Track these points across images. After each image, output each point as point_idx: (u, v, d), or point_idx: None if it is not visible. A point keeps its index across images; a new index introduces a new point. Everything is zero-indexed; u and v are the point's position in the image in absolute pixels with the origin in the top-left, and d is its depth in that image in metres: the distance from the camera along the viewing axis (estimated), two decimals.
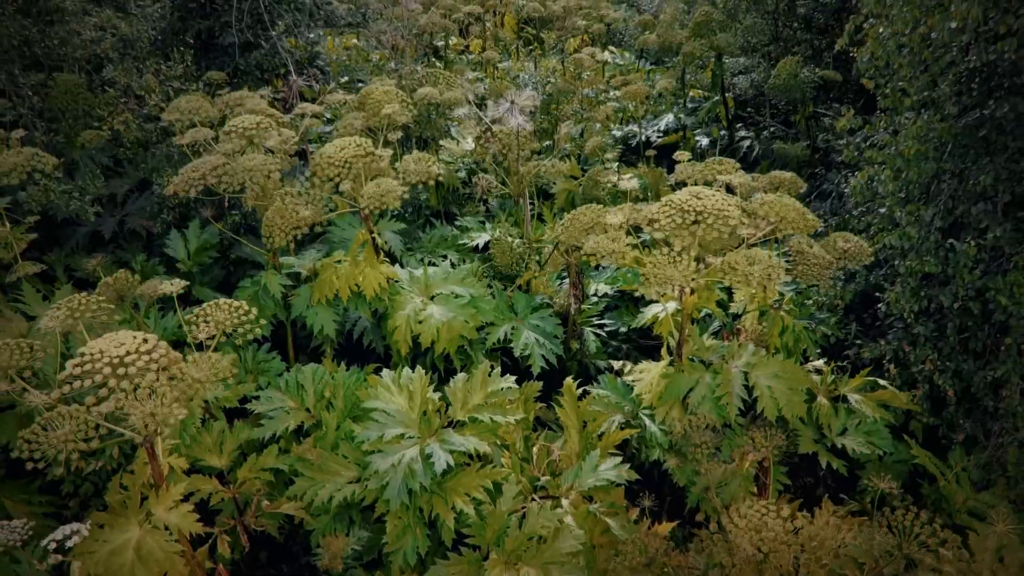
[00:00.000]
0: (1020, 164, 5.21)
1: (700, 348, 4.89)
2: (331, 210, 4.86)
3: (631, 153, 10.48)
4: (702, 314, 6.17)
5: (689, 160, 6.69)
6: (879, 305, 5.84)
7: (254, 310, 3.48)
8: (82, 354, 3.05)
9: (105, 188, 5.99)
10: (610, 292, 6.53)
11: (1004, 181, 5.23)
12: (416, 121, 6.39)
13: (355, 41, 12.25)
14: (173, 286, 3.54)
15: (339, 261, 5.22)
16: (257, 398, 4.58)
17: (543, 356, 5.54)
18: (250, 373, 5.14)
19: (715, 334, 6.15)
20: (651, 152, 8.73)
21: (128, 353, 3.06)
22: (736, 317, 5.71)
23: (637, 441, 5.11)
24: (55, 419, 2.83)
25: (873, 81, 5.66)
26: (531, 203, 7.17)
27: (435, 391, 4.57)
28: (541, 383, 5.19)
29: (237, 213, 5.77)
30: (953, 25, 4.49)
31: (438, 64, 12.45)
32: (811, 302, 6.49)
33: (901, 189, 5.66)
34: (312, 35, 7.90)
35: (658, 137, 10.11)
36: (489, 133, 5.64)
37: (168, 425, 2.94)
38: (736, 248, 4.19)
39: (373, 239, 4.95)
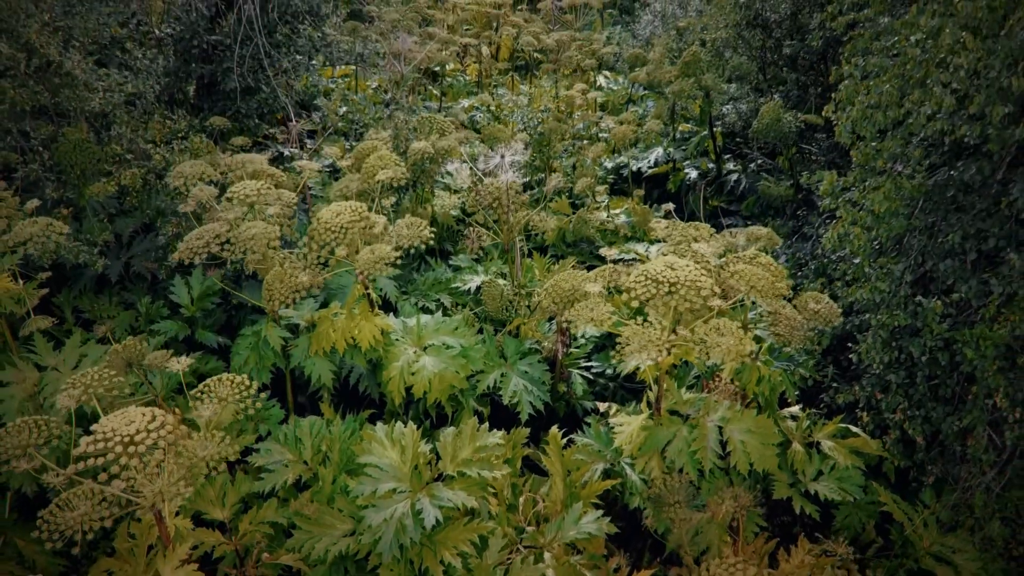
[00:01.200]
0: (986, 223, 5.46)
1: (678, 402, 5.14)
2: (325, 263, 5.11)
3: (623, 182, 10.74)
4: (682, 360, 6.41)
5: (669, 214, 6.96)
6: (851, 355, 6.09)
7: (255, 384, 3.72)
8: (95, 432, 3.29)
9: (110, 231, 6.23)
10: (597, 335, 6.78)
11: (971, 239, 5.49)
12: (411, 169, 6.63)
13: (353, 67, 12.50)
14: (180, 364, 3.78)
15: (336, 314, 5.47)
16: (258, 450, 4.83)
17: (531, 403, 5.78)
18: (251, 420, 5.39)
19: (696, 379, 6.40)
20: (639, 192, 8.98)
21: (138, 431, 3.30)
22: (715, 366, 5.96)
23: (620, 486, 5.36)
24: (72, 498, 3.07)
25: (848, 140, 5.91)
26: (522, 243, 7.42)
27: (426, 438, 4.83)
28: (528, 430, 5.46)
29: (238, 263, 6.02)
30: (929, 111, 4.75)
31: (434, 90, 12.71)
32: (789, 347, 6.74)
33: (873, 242, 5.91)
34: (312, 78, 8.14)
35: (648, 168, 10.36)
36: (481, 186, 5.89)
37: (175, 500, 3.19)
38: (710, 314, 4.43)
39: (368, 294, 5.20)
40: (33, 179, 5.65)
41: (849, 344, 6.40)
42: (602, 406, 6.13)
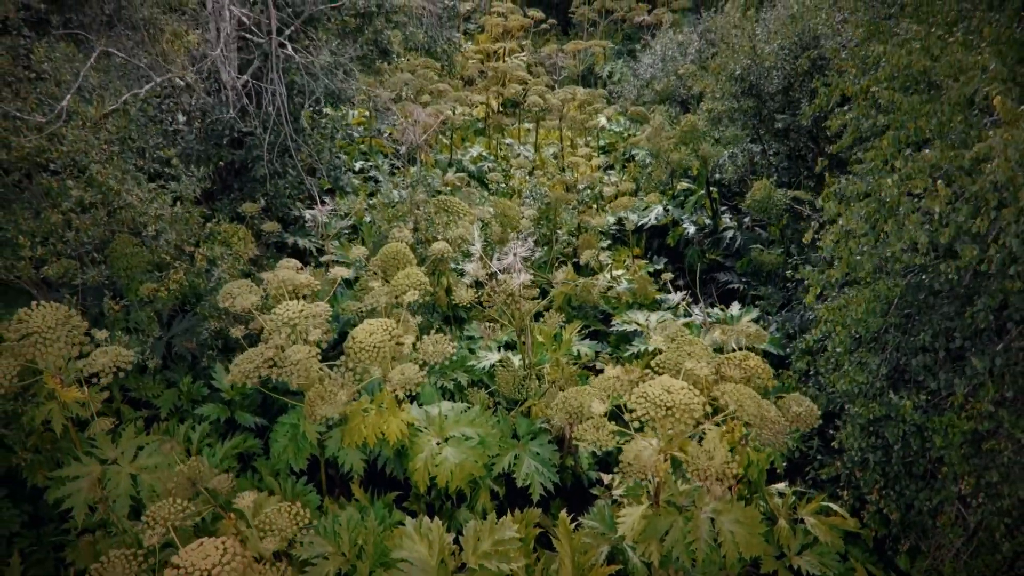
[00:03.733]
0: (954, 323, 6.04)
1: (675, 493, 5.74)
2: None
3: (624, 232, 11.31)
4: None
5: (667, 285, 7.54)
6: (834, 432, 6.68)
7: (309, 512, 4.33)
8: (177, 566, 3.90)
9: (156, 324, 6.83)
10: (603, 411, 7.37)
11: (940, 337, 6.07)
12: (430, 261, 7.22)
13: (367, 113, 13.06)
14: (244, 500, 4.39)
15: (365, 409, 6.07)
16: (301, 543, 5.44)
17: (542, 484, 6.39)
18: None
19: None
20: (637, 250, 9.55)
21: (214, 565, 3.91)
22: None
23: (623, 567, 5.97)
24: None
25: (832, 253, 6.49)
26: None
27: (448, 524, 5.44)
28: (539, 510, 6.07)
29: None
30: (902, 247, 5.32)
31: (445, 140, 13.27)
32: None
33: (853, 336, 6.49)
34: (337, 162, 8.71)
35: (649, 225, 10.93)
36: (495, 283, 6.48)
37: None
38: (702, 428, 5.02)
39: (396, 395, 5.79)
40: (88, 284, 6.25)
41: (834, 421, 6.99)
42: (606, 478, 6.77)
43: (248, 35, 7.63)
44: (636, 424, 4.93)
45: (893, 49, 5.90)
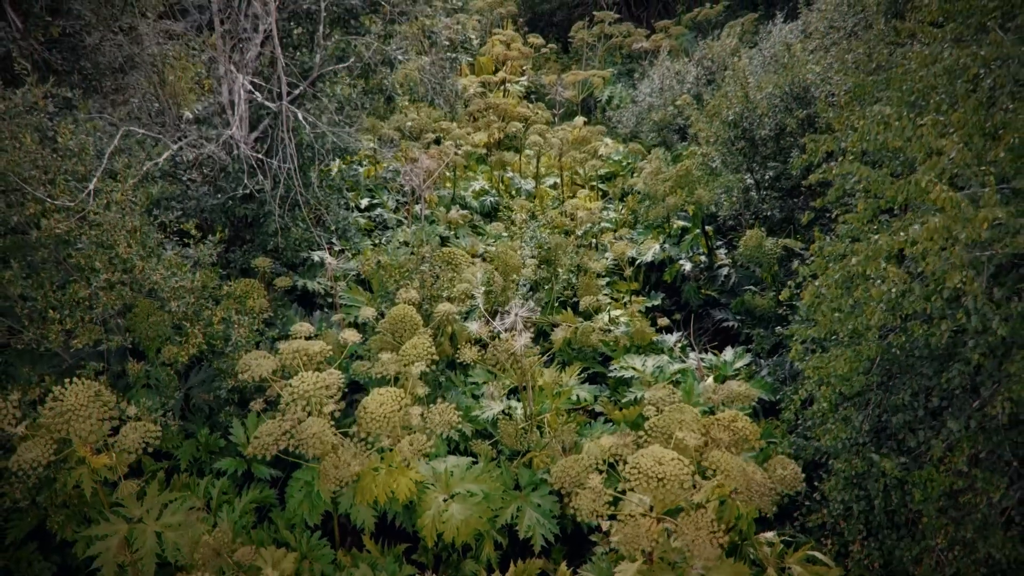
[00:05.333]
0: (932, 382, 6.38)
1: (668, 550, 6.09)
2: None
3: (620, 268, 11.66)
4: None
5: (665, 329, 7.88)
6: (821, 478, 7.02)
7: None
8: None
9: (177, 384, 7.19)
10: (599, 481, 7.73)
11: (920, 396, 6.41)
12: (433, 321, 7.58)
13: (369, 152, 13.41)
14: (268, 574, 4.75)
15: (376, 468, 6.43)
16: None
17: (543, 535, 6.75)
18: (305, 559, 6.38)
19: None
20: (636, 286, 9.89)
21: None
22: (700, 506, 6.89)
23: None
24: None
25: (811, 313, 6.83)
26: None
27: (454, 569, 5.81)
28: (541, 560, 6.43)
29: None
30: (874, 321, 5.66)
31: (448, 174, 13.60)
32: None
33: (837, 395, 6.83)
34: (345, 212, 9.07)
35: (647, 263, 11.29)
36: (498, 343, 6.83)
37: None
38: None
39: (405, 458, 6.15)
40: (115, 349, 6.62)
41: (820, 471, 7.33)
42: (604, 525, 7.12)
43: (258, 95, 7.98)
44: (631, 492, 5.29)
45: (870, 125, 6.23)
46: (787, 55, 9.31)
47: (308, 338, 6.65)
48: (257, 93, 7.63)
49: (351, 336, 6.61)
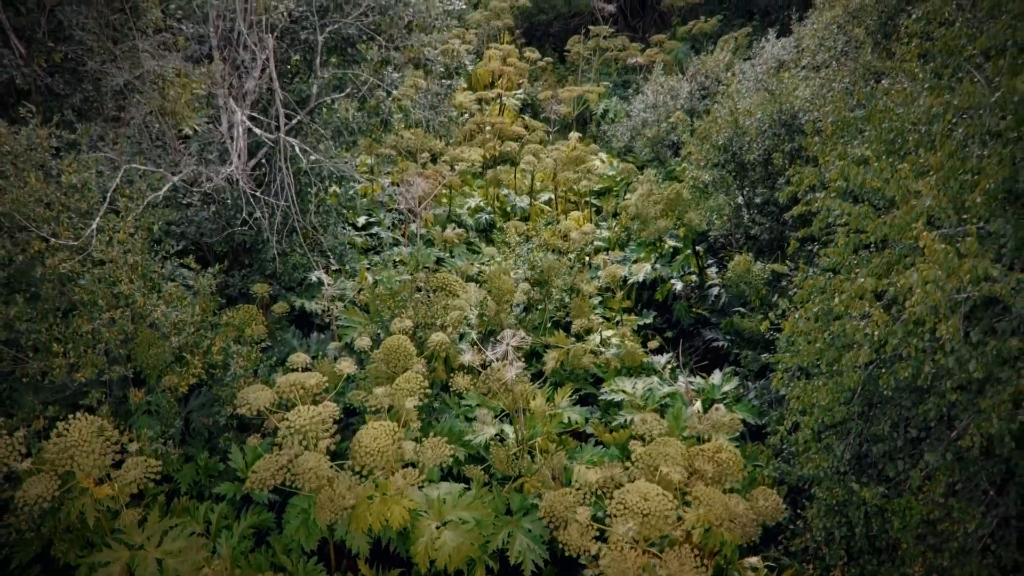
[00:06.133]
0: (911, 412, 6.58)
1: None
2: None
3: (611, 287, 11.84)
4: None
5: (656, 349, 8.06)
6: (801, 511, 7.23)
7: None
8: None
9: (178, 412, 7.38)
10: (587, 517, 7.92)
11: (899, 427, 6.61)
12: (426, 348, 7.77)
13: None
14: None
15: (371, 496, 6.62)
16: None
17: (533, 560, 6.94)
18: None
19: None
20: (629, 304, 10.06)
21: None
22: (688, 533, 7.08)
23: None
24: None
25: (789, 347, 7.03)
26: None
27: None
28: None
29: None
30: (861, 360, 5.85)
31: (444, 191, 13.78)
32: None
33: (820, 424, 7.02)
34: (342, 237, 9.26)
35: (639, 283, 11.49)
36: (490, 371, 7.02)
37: None
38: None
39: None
40: (114, 380, 6.80)
41: (803, 495, 7.53)
42: (593, 548, 7.31)
43: (256, 129, 8.15)
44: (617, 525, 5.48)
45: (850, 166, 6.42)
46: (775, 83, 9.50)
47: (305, 368, 6.85)
48: (255, 128, 7.81)
49: (347, 367, 6.80)
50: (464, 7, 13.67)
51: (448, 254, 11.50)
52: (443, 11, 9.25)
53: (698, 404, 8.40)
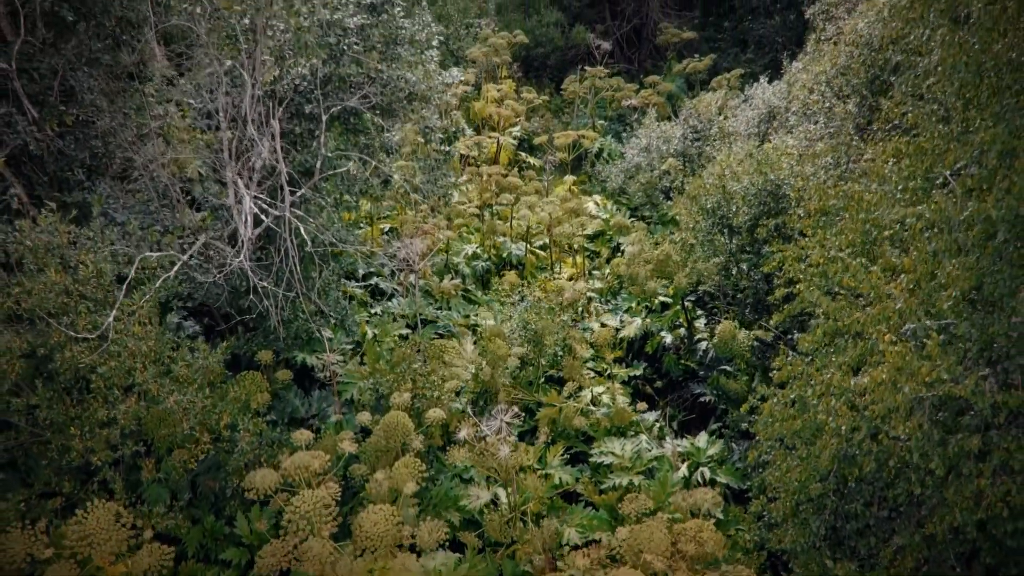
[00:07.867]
0: (883, 492, 6.95)
1: None
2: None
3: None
4: None
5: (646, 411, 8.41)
6: (783, 573, 7.60)
7: None
8: None
9: (186, 479, 7.73)
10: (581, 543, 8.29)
11: (872, 506, 6.99)
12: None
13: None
14: None
15: (371, 570, 6.97)
16: None
17: None
18: None
19: None
20: (619, 354, 10.42)
21: None
22: None
23: None
24: None
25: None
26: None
27: None
28: None
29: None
30: (826, 456, 6.24)
31: (442, 237, 14.13)
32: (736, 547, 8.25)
33: (793, 504, 7.40)
34: (343, 303, 9.63)
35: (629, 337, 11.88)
36: (484, 446, 7.38)
37: None
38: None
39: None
40: (123, 459, 7.17)
41: (784, 561, 7.90)
42: None
43: (262, 203, 8.51)
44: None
45: (828, 265, 6.81)
46: (762, 155, 9.88)
47: (308, 446, 7.21)
48: (262, 206, 8.17)
49: (348, 446, 7.16)
50: (461, 79, 14.06)
51: (445, 305, 11.85)
52: (442, 83, 9.62)
53: (684, 468, 8.77)
